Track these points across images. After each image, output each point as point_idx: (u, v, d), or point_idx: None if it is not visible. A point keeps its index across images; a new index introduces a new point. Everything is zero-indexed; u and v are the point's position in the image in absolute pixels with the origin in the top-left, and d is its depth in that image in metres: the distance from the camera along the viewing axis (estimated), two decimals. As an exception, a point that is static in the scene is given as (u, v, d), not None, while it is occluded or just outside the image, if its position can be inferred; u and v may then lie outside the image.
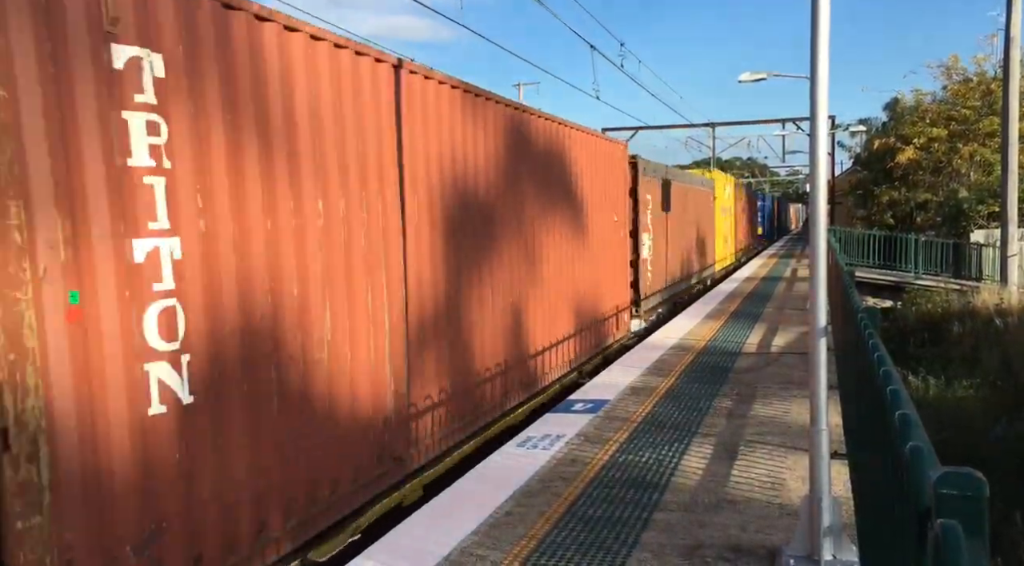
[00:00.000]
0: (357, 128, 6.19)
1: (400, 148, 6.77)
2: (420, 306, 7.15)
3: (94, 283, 3.99)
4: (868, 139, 39.67)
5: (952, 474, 1.79)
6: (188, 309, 4.50)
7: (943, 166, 32.74)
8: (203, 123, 4.65)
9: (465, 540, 5.20)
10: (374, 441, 6.37)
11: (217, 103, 4.76)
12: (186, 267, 4.51)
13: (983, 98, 31.62)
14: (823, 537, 4.46)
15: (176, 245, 4.44)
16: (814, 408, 4.59)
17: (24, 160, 3.66)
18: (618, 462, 6.77)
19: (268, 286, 5.18)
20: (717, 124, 45.84)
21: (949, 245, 27.27)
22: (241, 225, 4.95)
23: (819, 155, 4.57)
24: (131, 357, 4.17)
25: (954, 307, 20.59)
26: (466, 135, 8.16)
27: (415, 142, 7.05)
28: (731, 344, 12.62)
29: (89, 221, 3.96)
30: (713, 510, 5.62)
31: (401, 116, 6.83)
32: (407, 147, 6.88)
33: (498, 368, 8.91)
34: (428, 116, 7.34)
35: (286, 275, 5.35)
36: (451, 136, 7.82)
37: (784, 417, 8.06)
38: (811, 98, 4.49)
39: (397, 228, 6.75)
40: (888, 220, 35.01)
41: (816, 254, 4.60)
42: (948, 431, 11.87)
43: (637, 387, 9.69)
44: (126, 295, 4.15)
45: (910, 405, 2.70)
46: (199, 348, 4.57)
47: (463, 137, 8.09)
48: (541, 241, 10.45)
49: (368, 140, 6.35)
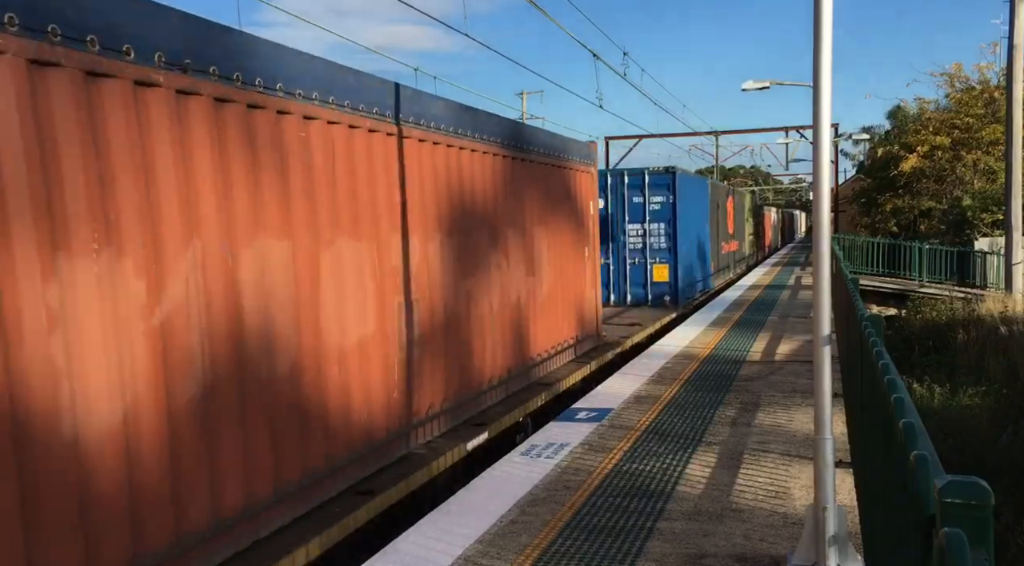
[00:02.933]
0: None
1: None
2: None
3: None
4: (871, 147, 39.68)
5: (957, 483, 1.79)
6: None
7: (947, 174, 32.72)
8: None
9: (469, 549, 5.19)
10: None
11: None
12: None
13: (986, 106, 31.62)
14: (828, 546, 4.44)
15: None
16: (818, 416, 4.58)
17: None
18: (622, 471, 6.75)
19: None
20: (721, 132, 45.95)
21: (953, 253, 27.23)
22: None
23: (822, 163, 4.57)
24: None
25: (959, 315, 20.54)
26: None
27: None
28: (735, 352, 12.60)
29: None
30: (718, 519, 5.60)
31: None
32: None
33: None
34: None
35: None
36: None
37: (788, 425, 8.04)
38: (814, 106, 4.50)
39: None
40: (892, 228, 34.99)
41: (820, 262, 4.59)
42: (953, 440, 11.83)
43: (641, 396, 9.67)
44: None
45: (915, 413, 2.70)
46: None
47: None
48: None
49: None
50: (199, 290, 4.71)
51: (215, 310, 4.84)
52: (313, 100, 5.85)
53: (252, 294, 5.15)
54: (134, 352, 4.25)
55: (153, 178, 4.41)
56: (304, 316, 5.65)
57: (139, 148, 4.33)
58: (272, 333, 5.33)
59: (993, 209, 27.61)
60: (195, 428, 4.65)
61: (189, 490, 4.58)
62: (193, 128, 4.73)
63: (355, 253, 6.30)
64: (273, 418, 5.31)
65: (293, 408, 5.51)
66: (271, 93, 5.41)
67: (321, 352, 5.84)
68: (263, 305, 5.25)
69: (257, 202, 5.22)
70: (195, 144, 4.74)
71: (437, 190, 7.63)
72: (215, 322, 4.84)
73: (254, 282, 5.17)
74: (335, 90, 6.13)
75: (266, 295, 5.28)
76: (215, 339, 4.84)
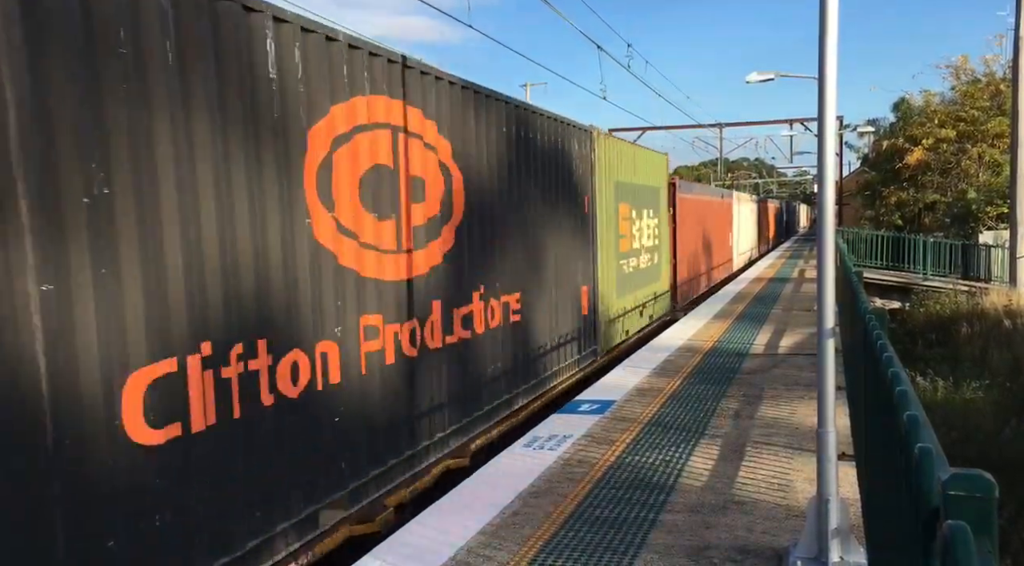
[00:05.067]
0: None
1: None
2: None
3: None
4: (876, 140, 39.56)
5: (961, 475, 1.79)
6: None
7: (951, 167, 32.64)
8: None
9: (472, 540, 5.20)
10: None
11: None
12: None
13: (992, 99, 31.54)
14: (831, 538, 4.44)
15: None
16: (821, 409, 4.58)
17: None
18: (625, 463, 6.76)
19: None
20: (725, 125, 45.90)
21: (958, 246, 27.18)
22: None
23: (827, 156, 4.56)
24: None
25: (963, 308, 20.52)
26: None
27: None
28: (738, 345, 12.59)
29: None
30: (720, 511, 5.60)
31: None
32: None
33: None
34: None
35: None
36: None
37: (791, 418, 8.04)
38: (819, 98, 4.48)
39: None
40: (896, 221, 34.93)
41: (824, 255, 4.58)
42: (957, 433, 11.83)
43: (644, 388, 9.68)
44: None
45: (918, 406, 2.69)
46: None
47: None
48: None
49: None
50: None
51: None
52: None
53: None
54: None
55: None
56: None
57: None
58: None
59: (998, 202, 27.56)
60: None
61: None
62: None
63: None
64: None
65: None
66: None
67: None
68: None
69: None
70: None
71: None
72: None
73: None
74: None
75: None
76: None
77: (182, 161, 4.56)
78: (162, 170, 4.42)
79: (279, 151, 5.40)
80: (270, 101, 5.31)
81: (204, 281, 4.72)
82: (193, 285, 4.62)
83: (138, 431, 4.25)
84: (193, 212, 4.64)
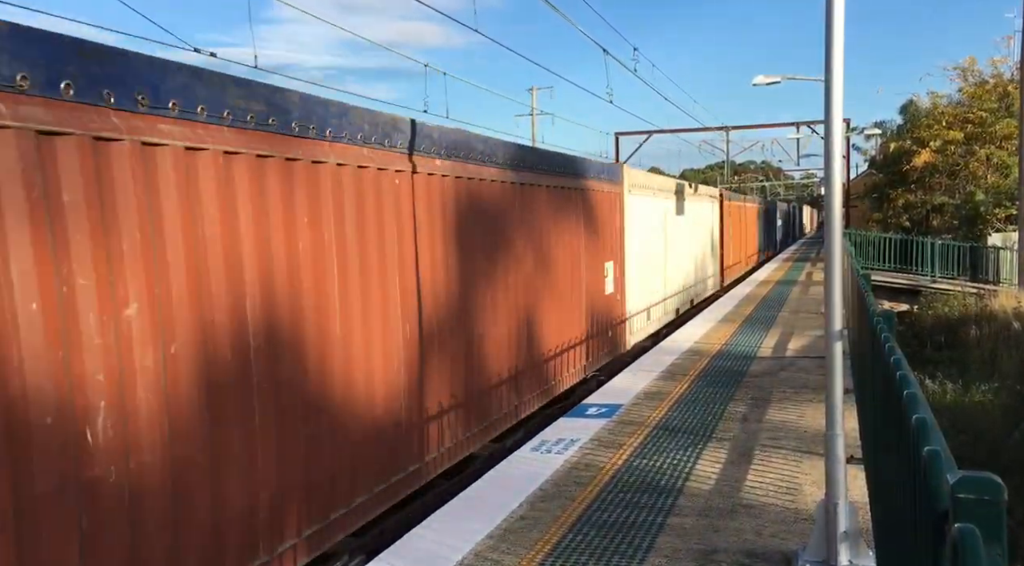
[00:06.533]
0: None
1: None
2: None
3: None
4: (883, 142, 39.46)
5: (970, 478, 1.78)
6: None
7: (959, 169, 32.55)
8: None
9: (479, 544, 5.21)
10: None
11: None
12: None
13: (1000, 100, 31.42)
14: (839, 542, 4.43)
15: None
16: (829, 412, 4.57)
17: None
18: (632, 467, 6.75)
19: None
20: (731, 128, 45.67)
21: (966, 248, 27.08)
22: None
23: (834, 158, 4.55)
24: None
25: (971, 310, 20.44)
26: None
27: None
28: (745, 348, 12.56)
29: None
30: (728, 515, 5.59)
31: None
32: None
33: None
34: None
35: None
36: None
37: (799, 421, 8.02)
38: (826, 101, 4.48)
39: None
40: (904, 223, 34.84)
41: (831, 257, 4.58)
42: (966, 435, 11.78)
43: (651, 391, 9.66)
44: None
45: (927, 409, 2.68)
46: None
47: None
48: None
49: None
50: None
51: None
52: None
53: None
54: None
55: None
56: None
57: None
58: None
59: (1006, 204, 27.46)
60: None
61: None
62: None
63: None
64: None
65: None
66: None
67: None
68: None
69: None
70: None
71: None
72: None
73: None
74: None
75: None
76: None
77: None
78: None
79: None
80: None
81: None
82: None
83: None
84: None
